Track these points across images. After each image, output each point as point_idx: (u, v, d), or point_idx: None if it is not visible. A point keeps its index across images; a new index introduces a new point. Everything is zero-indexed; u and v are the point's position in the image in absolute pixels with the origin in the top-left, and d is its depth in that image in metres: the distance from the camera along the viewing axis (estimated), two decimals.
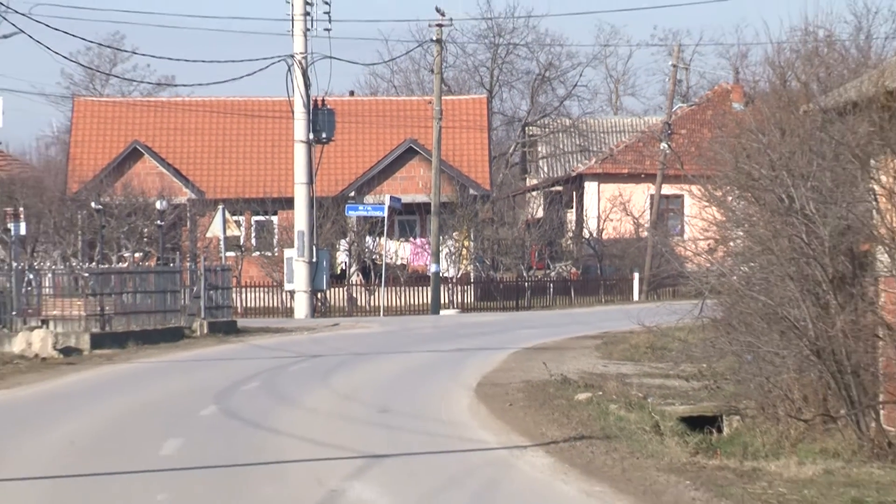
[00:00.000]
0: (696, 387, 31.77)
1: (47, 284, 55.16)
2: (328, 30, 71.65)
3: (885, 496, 18.79)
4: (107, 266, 63.81)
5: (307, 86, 70.80)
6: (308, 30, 70.45)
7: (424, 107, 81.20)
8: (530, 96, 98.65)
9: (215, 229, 79.32)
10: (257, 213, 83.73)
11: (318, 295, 72.60)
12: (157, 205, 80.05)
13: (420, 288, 76.79)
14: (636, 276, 77.80)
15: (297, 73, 70.48)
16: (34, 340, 48.21)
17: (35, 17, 62.98)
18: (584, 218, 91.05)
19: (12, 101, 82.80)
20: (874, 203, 24.76)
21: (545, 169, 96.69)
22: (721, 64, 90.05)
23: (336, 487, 20.71)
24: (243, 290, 71.98)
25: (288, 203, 74.35)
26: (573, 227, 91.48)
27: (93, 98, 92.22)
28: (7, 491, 21.37)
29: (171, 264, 66.85)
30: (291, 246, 73.01)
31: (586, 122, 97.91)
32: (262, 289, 75.21)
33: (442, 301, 74.48)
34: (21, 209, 71.07)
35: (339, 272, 78.45)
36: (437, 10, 78.94)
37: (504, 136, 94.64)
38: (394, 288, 76.38)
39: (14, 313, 52.03)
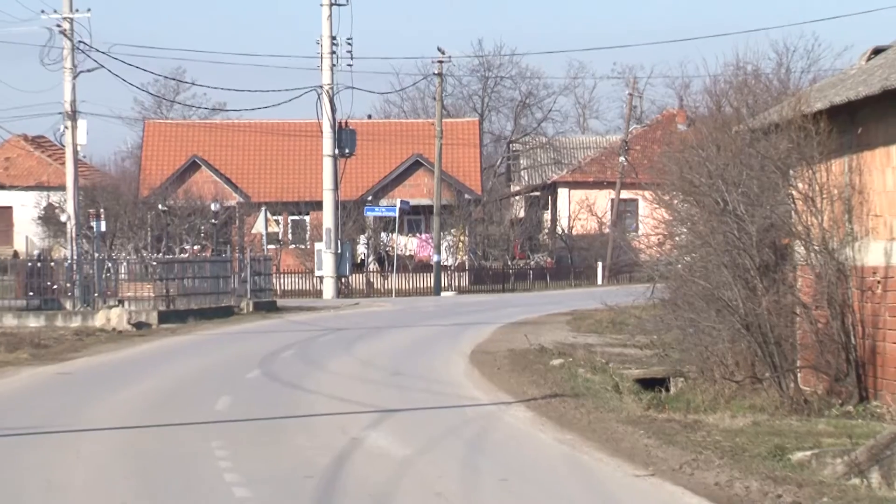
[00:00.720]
0: (648, 354, 31.81)
1: (123, 271, 55.15)
2: (350, 65, 71.68)
3: (802, 443, 18.86)
4: (171, 256, 63.73)
5: (333, 110, 70.69)
6: (334, 65, 70.28)
7: (428, 127, 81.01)
8: (514, 119, 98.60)
9: (259, 227, 79.42)
10: (293, 214, 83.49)
11: (342, 279, 72.39)
12: (212, 207, 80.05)
13: (424, 274, 76.54)
14: (600, 264, 77.54)
15: (325, 100, 70.35)
16: (112, 317, 48.31)
17: (114, 55, 63.10)
18: (557, 217, 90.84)
19: (95, 123, 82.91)
20: (793, 205, 24.94)
21: (526, 178, 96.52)
22: (668, 93, 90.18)
23: (357, 436, 20.91)
24: (281, 275, 71.75)
25: (318, 205, 74.11)
26: (548, 225, 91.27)
27: (160, 120, 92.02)
28: (93, 438, 21.58)
29: (223, 255, 67.05)
30: (321, 240, 72.82)
31: (559, 139, 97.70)
32: (296, 275, 74.98)
33: (442, 285, 74.28)
34: (101, 210, 70.94)
35: (359, 261, 78.27)
36: (439, 49, 79.25)
37: (492, 151, 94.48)
38: (403, 274, 76.07)
39: (96, 295, 52.01)
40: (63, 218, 67.49)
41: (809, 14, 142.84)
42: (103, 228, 69.04)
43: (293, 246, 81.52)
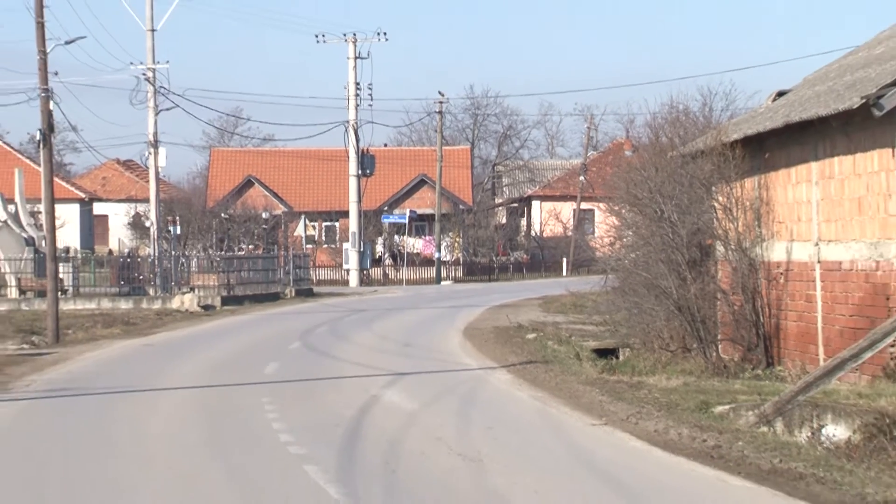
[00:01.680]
0: (602, 330, 31.75)
1: (193, 265, 55.13)
2: (370, 105, 71.40)
3: (722, 399, 18.84)
4: (230, 254, 63.70)
5: (357, 140, 70.56)
6: (357, 105, 70.05)
7: (431, 153, 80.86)
8: (497, 147, 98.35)
9: (299, 231, 79.40)
10: (326, 221, 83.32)
11: (364, 272, 72.24)
12: (263, 215, 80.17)
13: (428, 267, 76.35)
14: (564, 260, 77.32)
15: (351, 132, 70.23)
16: (185, 300, 48.26)
17: (186, 97, 63.07)
18: (531, 224, 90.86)
19: (172, 150, 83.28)
20: (714, 214, 24.92)
21: (507, 192, 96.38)
22: (617, 126, 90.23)
23: (375, 394, 20.88)
24: (317, 268, 71.45)
25: (345, 214, 73.98)
26: (524, 230, 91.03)
27: (222, 148, 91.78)
28: (169, 395, 21.55)
29: (271, 252, 66.95)
30: (348, 241, 72.64)
31: (533, 163, 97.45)
32: (328, 268, 74.74)
33: (442, 276, 74.17)
34: (177, 218, 71.06)
35: (377, 257, 78.12)
36: (440, 93, 79.34)
37: (481, 171, 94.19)
38: (411, 267, 75.97)
39: (173, 283, 52.01)
40: (147, 224, 67.59)
41: (728, 65, 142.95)
42: (178, 232, 69.15)
43: (326, 245, 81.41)
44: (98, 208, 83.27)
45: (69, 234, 68.39)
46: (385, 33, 70.26)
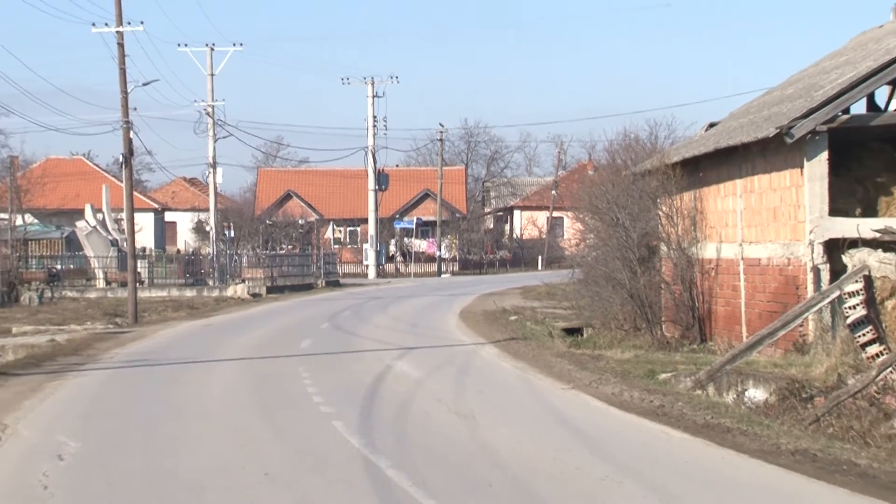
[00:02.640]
0: (569, 313, 31.75)
1: (244, 262, 55.04)
2: (385, 133, 72.06)
3: (665, 368, 18.82)
4: (273, 252, 63.62)
5: (374, 162, 70.45)
6: (375, 134, 69.98)
7: (433, 172, 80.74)
8: (486, 167, 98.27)
9: (328, 234, 79.59)
10: (350, 226, 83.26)
11: (380, 267, 72.25)
12: (299, 221, 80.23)
13: (431, 263, 76.04)
14: (539, 257, 77.14)
15: (370, 156, 70.15)
16: (237, 290, 48.26)
17: (239, 127, 63.38)
18: (513, 228, 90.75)
19: (227, 169, 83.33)
20: (659, 221, 24.90)
21: (494, 203, 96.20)
22: (582, 151, 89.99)
23: (389, 364, 20.84)
24: (342, 264, 71.26)
25: (365, 221, 73.93)
26: (508, 233, 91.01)
27: (267, 168, 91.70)
28: (224, 364, 21.53)
29: (306, 252, 66.87)
30: (367, 242, 72.84)
31: (514, 180, 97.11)
32: (351, 264, 74.46)
33: (442, 270, 74.15)
34: (231, 224, 71.14)
35: (390, 255, 78.01)
36: (440, 124, 79.54)
37: (473, 186, 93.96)
38: (417, 263, 75.68)
39: (227, 276, 52.02)
40: (207, 229, 67.51)
41: (670, 102, 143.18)
42: (232, 235, 69.28)
43: (349, 246, 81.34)
44: (168, 216, 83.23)
45: (145, 237, 68.37)
46: (397, 77, 71.16)
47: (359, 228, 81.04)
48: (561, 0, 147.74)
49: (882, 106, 23.19)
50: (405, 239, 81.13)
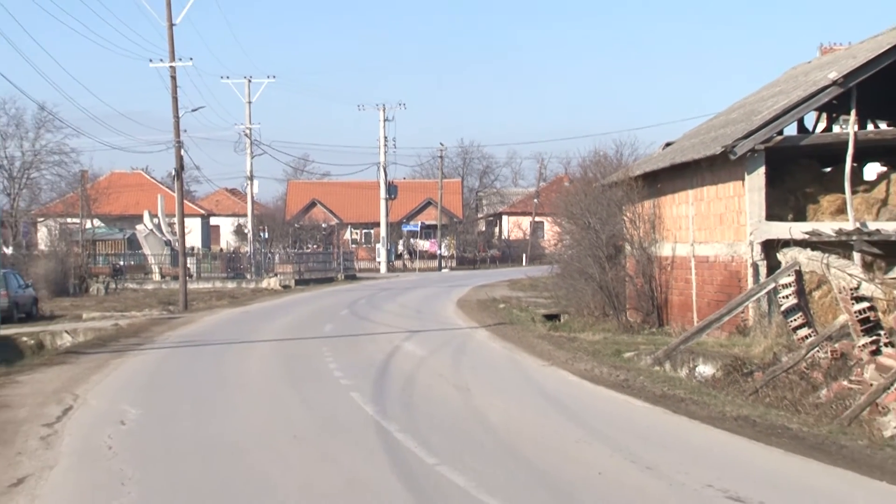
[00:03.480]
0: (549, 302, 31.71)
1: (276, 259, 55.08)
2: (394, 151, 72.13)
3: (629, 348, 18.82)
4: (301, 251, 63.66)
5: (385, 175, 70.12)
6: (386, 151, 69.61)
7: (434, 184, 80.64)
8: (479, 179, 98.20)
9: (346, 236, 79.48)
10: (365, 229, 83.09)
11: (390, 263, 72.19)
12: (322, 225, 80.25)
13: (432, 260, 75.88)
14: (524, 255, 77.00)
15: (381, 170, 69.93)
16: (271, 282, 48.27)
17: (273, 146, 63.48)
18: (502, 231, 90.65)
19: (262, 182, 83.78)
20: (624, 224, 24.88)
21: (485, 210, 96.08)
22: (559, 166, 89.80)
23: (398, 345, 20.83)
24: (358, 261, 70.99)
25: (377, 224, 73.61)
26: (497, 235, 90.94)
27: (295, 180, 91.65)
28: (260, 344, 21.54)
29: (328, 250, 66.84)
30: (379, 242, 72.71)
31: (503, 190, 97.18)
32: (366, 260, 74.04)
33: (442, 266, 74.19)
34: (265, 227, 71.16)
35: (398, 253, 77.88)
36: (441, 143, 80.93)
37: (468, 195, 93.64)
38: (421, 260, 75.58)
39: (263, 270, 52.08)
40: (245, 231, 67.53)
41: (633, 125, 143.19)
42: (266, 236, 69.35)
43: (364, 245, 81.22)
44: (213, 221, 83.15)
45: (193, 238, 68.30)
46: (404, 104, 71.77)
47: (372, 231, 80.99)
48: (543, 38, 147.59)
49: (810, 128, 23.22)
50: (411, 239, 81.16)
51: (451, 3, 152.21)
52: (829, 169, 20.58)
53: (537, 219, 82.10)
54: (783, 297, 16.75)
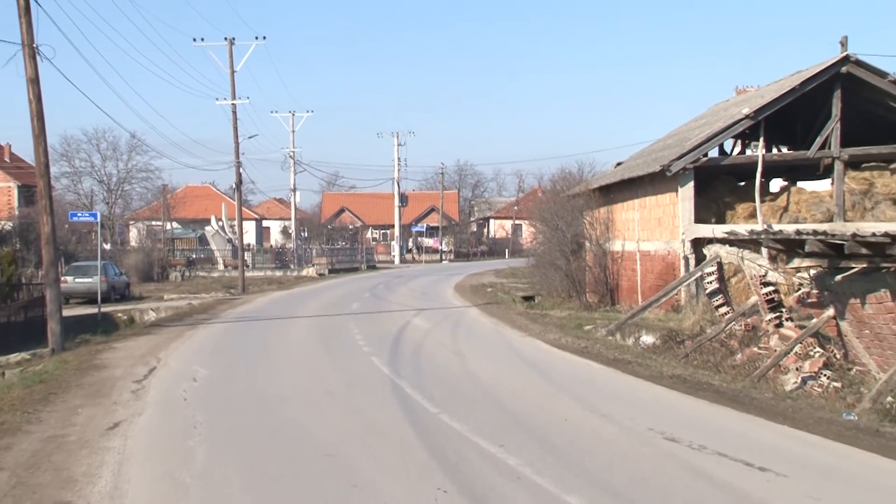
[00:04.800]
0: (526, 286, 31.51)
1: (314, 253, 54.91)
2: (406, 168, 73.15)
3: (588, 322, 18.79)
4: (332, 246, 63.49)
5: (398, 187, 69.90)
6: (399, 168, 69.24)
7: (437, 194, 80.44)
8: (472, 190, 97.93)
9: (368, 235, 79.17)
10: (383, 229, 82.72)
11: (402, 256, 72.07)
12: (349, 227, 79.94)
13: (435, 254, 75.67)
14: (507, 250, 76.78)
15: (395, 184, 69.77)
16: (309, 271, 48.12)
17: (312, 166, 63.13)
18: (490, 231, 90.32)
19: (304, 193, 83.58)
20: (585, 226, 24.80)
21: (476, 214, 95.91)
22: (535, 180, 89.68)
23: (408, 320, 20.76)
24: (378, 254, 70.69)
25: (392, 226, 73.11)
26: (486, 235, 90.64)
27: (329, 192, 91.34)
28: (300, 320, 21.44)
29: (354, 247, 66.60)
30: (394, 240, 72.35)
31: (490, 199, 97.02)
32: (383, 254, 73.26)
33: (442, 259, 73.96)
34: (305, 228, 70.90)
35: (408, 249, 77.48)
36: (441, 163, 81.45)
37: (463, 204, 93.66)
38: (426, 254, 75.47)
39: (303, 262, 51.94)
40: (290, 231, 67.29)
41: (592, 148, 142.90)
42: (306, 235, 69.04)
43: (382, 243, 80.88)
44: (265, 223, 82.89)
45: (249, 237, 68.17)
46: (413, 132, 72.39)
47: (388, 231, 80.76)
48: (523, 83, 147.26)
49: (729, 151, 23.16)
50: (418, 238, 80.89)
51: (452, 55, 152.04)
52: (743, 183, 20.54)
53: (517, 222, 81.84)
54: (707, 283, 16.74)
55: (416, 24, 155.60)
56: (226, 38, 36.12)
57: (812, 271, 12.99)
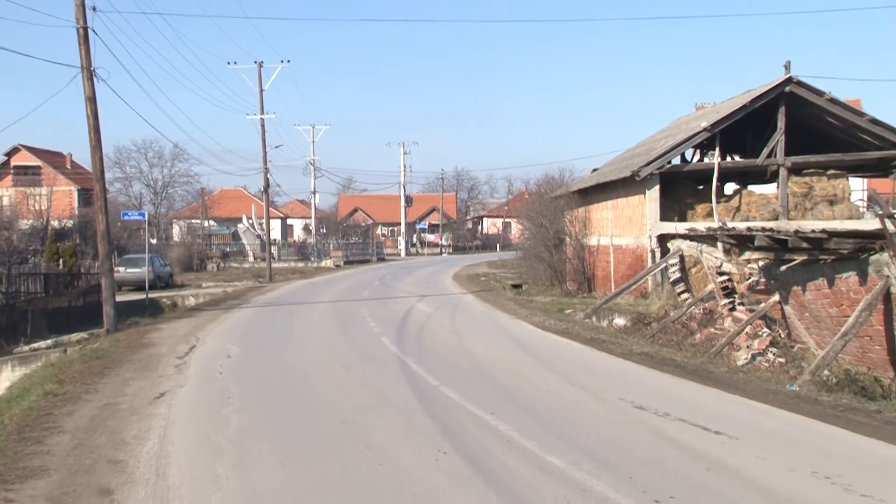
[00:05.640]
0: (515, 276, 31.47)
1: (331, 247, 54.70)
2: (411, 173, 73.45)
3: (569, 307, 18.79)
4: (347, 241, 63.37)
5: (404, 190, 69.58)
6: (405, 174, 69.17)
7: (437, 196, 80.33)
8: (468, 193, 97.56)
9: (378, 231, 78.83)
10: (391, 227, 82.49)
11: (407, 250, 71.98)
12: (362, 225, 79.65)
13: (436, 248, 75.57)
14: (498, 245, 76.58)
15: (402, 187, 69.51)
16: (327, 262, 47.96)
17: (330, 172, 62.95)
18: (483, 228, 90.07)
19: (322, 195, 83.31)
20: (566, 223, 24.76)
21: (472, 213, 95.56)
22: (522, 184, 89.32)
23: (412, 304, 20.73)
24: (386, 248, 70.49)
25: (398, 224, 72.86)
26: (480, 231, 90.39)
27: (344, 194, 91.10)
28: (320, 305, 21.40)
29: (366, 241, 66.37)
30: (401, 235, 72.18)
31: (483, 200, 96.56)
32: (391, 248, 73.15)
33: (442, 252, 73.83)
34: (324, 226, 70.62)
35: (413, 243, 77.30)
36: (441, 169, 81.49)
37: (460, 204, 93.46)
38: (428, 248, 75.42)
39: (322, 255, 51.82)
40: (310, 228, 67.13)
41: (573, 156, 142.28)
42: (324, 231, 68.78)
43: (390, 238, 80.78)
44: (289, 221, 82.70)
45: (275, 233, 68.07)
46: (417, 142, 73.15)
47: (395, 228, 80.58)
48: (515, 102, 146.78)
49: (689, 159, 23.13)
50: (421, 234, 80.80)
51: (451, 77, 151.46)
52: (701, 187, 20.52)
53: (507, 220, 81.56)
54: (671, 273, 16.73)
55: (420, 52, 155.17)
56: (255, 62, 36.31)
57: (760, 262, 13.02)
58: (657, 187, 18.69)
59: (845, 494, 5.23)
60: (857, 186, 24.45)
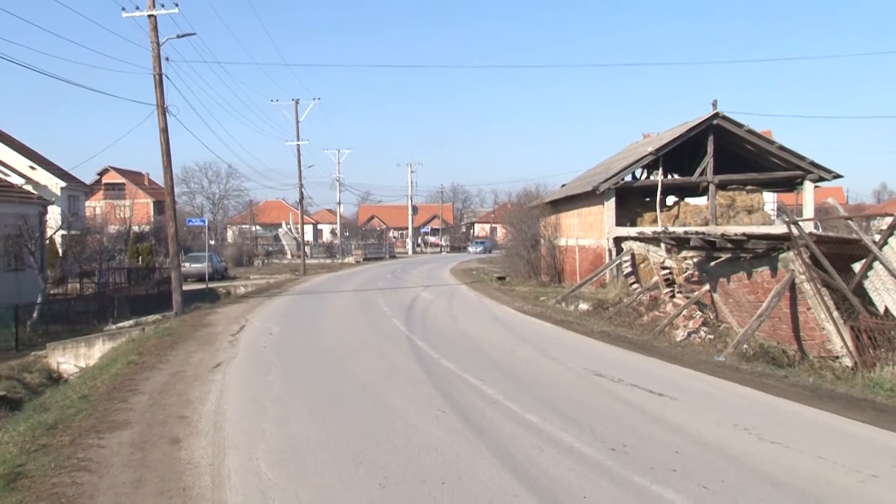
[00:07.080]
0: (500, 270, 31.33)
1: (353, 247, 54.63)
2: (417, 187, 72.36)
3: (543, 295, 18.76)
4: (366, 242, 63.16)
5: (411, 201, 69.71)
6: (412, 187, 69.28)
7: (437, 206, 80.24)
8: (462, 203, 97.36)
9: (391, 235, 78.74)
10: (400, 231, 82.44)
11: (413, 249, 71.80)
12: (377, 229, 79.42)
13: (436, 248, 75.46)
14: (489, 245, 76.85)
15: (409, 199, 69.44)
16: (350, 260, 47.65)
17: (353, 186, 62.76)
18: (475, 232, 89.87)
19: (346, 206, 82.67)
20: (541, 228, 24.66)
21: (465, 220, 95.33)
22: (506, 196, 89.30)
23: (418, 294, 20.56)
24: (397, 248, 70.56)
25: (406, 228, 72.93)
26: (472, 234, 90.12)
27: (363, 204, 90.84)
28: (342, 294, 21.33)
29: (380, 243, 66.22)
30: (409, 238, 72.06)
31: (474, 209, 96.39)
32: (400, 248, 72.94)
33: (441, 251, 73.62)
34: (347, 231, 70.30)
35: (418, 244, 77.15)
36: (441, 184, 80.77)
37: (456, 213, 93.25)
38: (430, 248, 75.28)
39: (346, 253, 51.64)
40: (336, 232, 66.90)
41: (546, 173, 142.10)
42: (347, 235, 68.52)
43: (400, 240, 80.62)
44: (319, 226, 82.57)
45: (308, 236, 67.88)
46: (422, 163, 72.36)
47: (404, 231, 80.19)
48: (502, 127, 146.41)
49: (639, 177, 23.12)
50: (425, 236, 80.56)
51: (451, 109, 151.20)
52: (648, 199, 20.52)
53: (494, 225, 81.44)
54: (625, 267, 16.76)
55: (426, 89, 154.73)
56: (293, 100, 36.50)
57: (695, 259, 13.06)
58: (613, 199, 18.72)
59: (759, 442, 5.30)
60: (770, 199, 24.62)
